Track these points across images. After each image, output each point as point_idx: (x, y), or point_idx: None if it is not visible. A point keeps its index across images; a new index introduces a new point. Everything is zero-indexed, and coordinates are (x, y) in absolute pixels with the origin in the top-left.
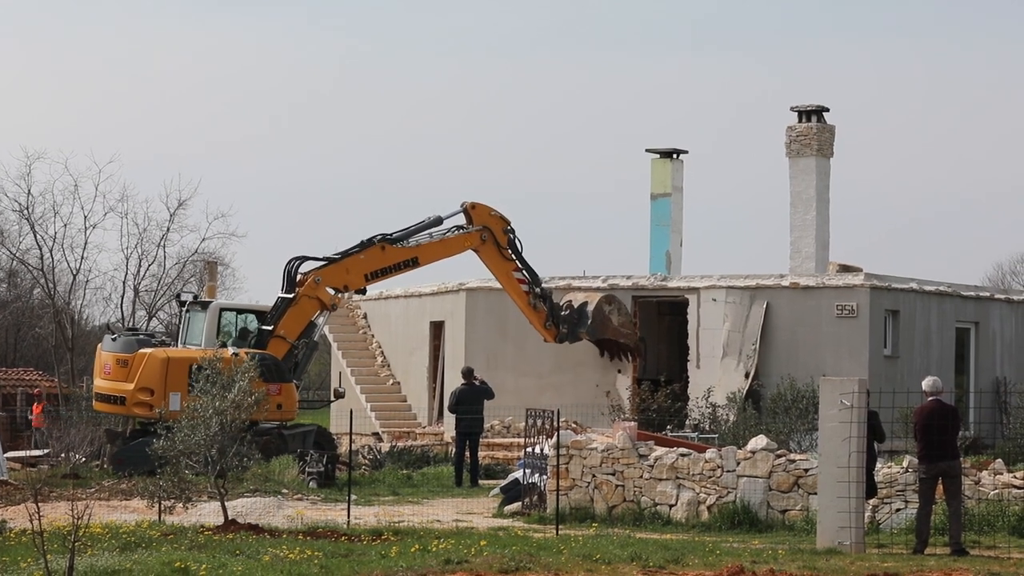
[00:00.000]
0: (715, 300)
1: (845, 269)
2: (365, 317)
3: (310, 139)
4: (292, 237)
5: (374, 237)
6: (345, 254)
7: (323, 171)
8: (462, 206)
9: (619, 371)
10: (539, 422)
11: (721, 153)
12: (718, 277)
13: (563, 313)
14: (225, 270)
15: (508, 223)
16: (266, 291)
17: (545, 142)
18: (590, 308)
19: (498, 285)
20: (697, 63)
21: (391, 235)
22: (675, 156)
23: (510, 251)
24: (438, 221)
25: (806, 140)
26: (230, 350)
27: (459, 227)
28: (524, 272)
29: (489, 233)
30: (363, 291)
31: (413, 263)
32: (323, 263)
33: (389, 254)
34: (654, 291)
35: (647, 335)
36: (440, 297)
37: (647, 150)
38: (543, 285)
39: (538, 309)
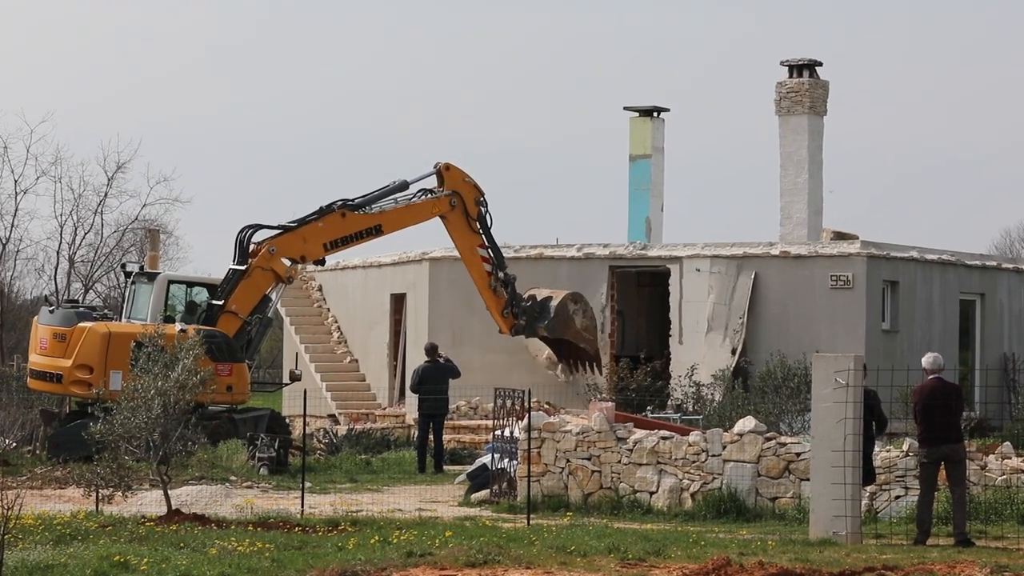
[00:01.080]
0: (699, 270)
1: (840, 236)
2: (320, 289)
3: (262, 96)
4: (242, 203)
5: (334, 203)
6: (302, 222)
7: (277, 131)
8: (435, 167)
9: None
10: (509, 403)
11: (705, 111)
12: (702, 245)
13: (524, 304)
14: (168, 239)
15: (482, 193)
16: (213, 262)
17: (514, 99)
18: (554, 303)
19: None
20: (679, 13)
21: (352, 201)
22: (656, 115)
23: (478, 225)
24: (404, 185)
25: (797, 97)
26: (177, 326)
27: (426, 191)
28: (489, 251)
29: (459, 200)
30: (322, 262)
31: (376, 231)
32: (278, 232)
33: (350, 221)
34: (633, 260)
35: (625, 308)
36: (401, 267)
37: (625, 108)
38: (508, 270)
39: (498, 294)
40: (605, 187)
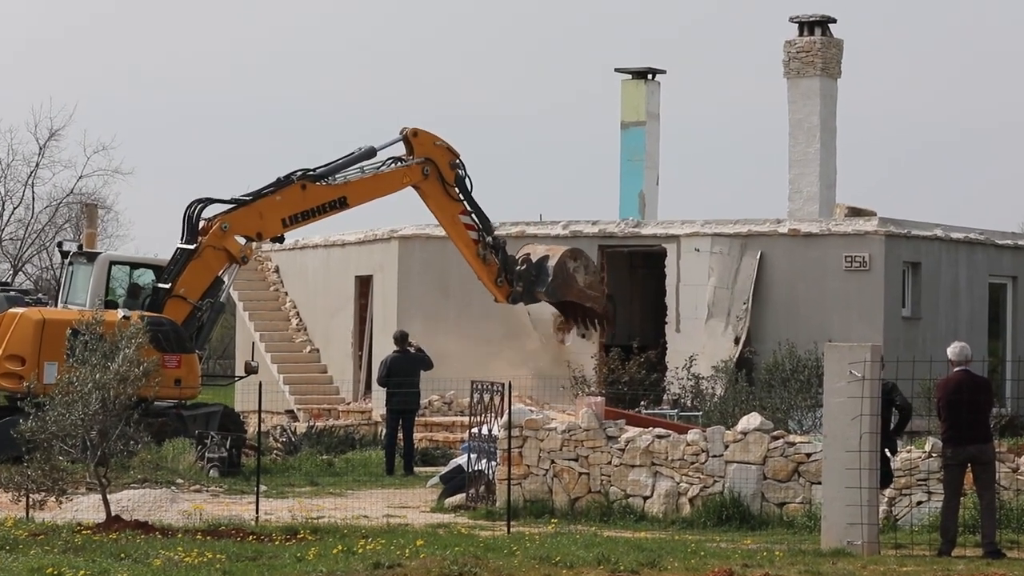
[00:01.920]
0: (698, 250)
1: (855, 213)
2: (277, 271)
3: (212, 54)
4: (191, 175)
5: (292, 173)
6: (257, 195)
7: (228, 93)
8: (401, 133)
9: (582, 336)
10: (487, 397)
11: (705, 74)
12: (702, 223)
13: (519, 268)
14: (107, 214)
15: (457, 156)
16: (158, 241)
17: (490, 59)
18: (551, 263)
19: (438, 232)
20: None
21: (313, 171)
22: (650, 77)
23: (457, 190)
24: (371, 152)
25: (808, 57)
26: (120, 312)
27: (396, 159)
28: (473, 217)
29: (433, 167)
30: (280, 239)
31: (341, 204)
32: (231, 207)
33: (311, 194)
34: (625, 239)
35: (616, 292)
36: (368, 247)
37: (616, 70)
38: (496, 233)
39: (488, 262)
40: (594, 158)
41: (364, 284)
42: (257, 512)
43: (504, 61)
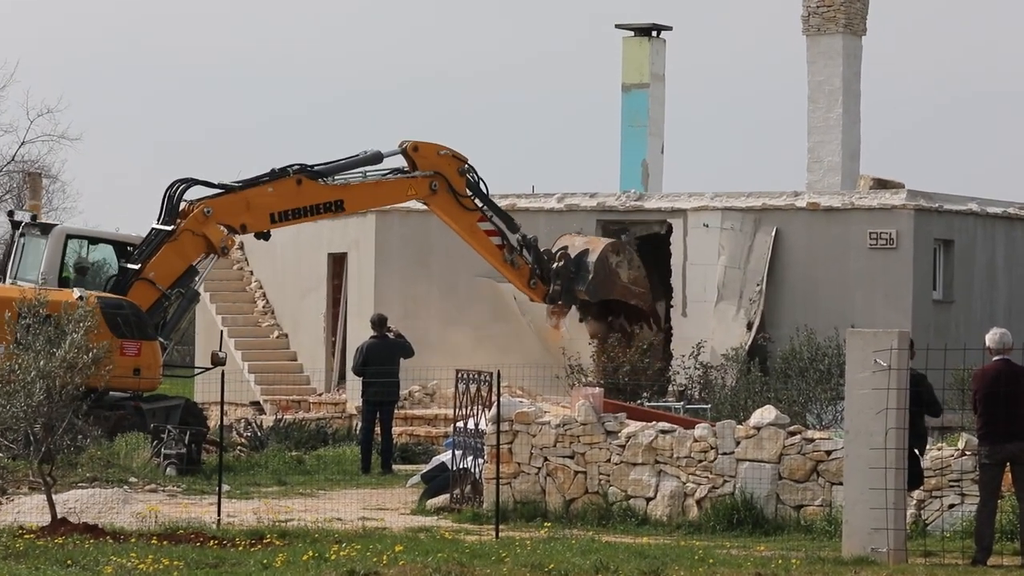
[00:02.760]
0: (707, 226)
1: (881, 185)
2: (241, 248)
3: (169, 5)
4: (146, 142)
5: (289, 167)
6: (249, 184)
7: (189, 51)
8: (401, 147)
9: (580, 320)
10: (473, 388)
11: (715, 31)
12: (711, 195)
13: (556, 265)
14: (52, 184)
15: (464, 161)
16: (107, 214)
17: (478, 14)
18: (591, 259)
19: (419, 206)
20: None
21: (312, 167)
22: (655, 34)
23: (472, 197)
24: (377, 158)
25: (830, 13)
26: (75, 292)
27: (399, 171)
28: (494, 221)
29: (441, 180)
30: (266, 236)
31: (337, 207)
32: (218, 191)
33: (307, 191)
34: (626, 213)
35: None
36: (342, 221)
37: (618, 26)
38: (521, 230)
39: (517, 265)
40: (592, 123)
41: (337, 262)
42: (219, 514)
43: (491, 14)
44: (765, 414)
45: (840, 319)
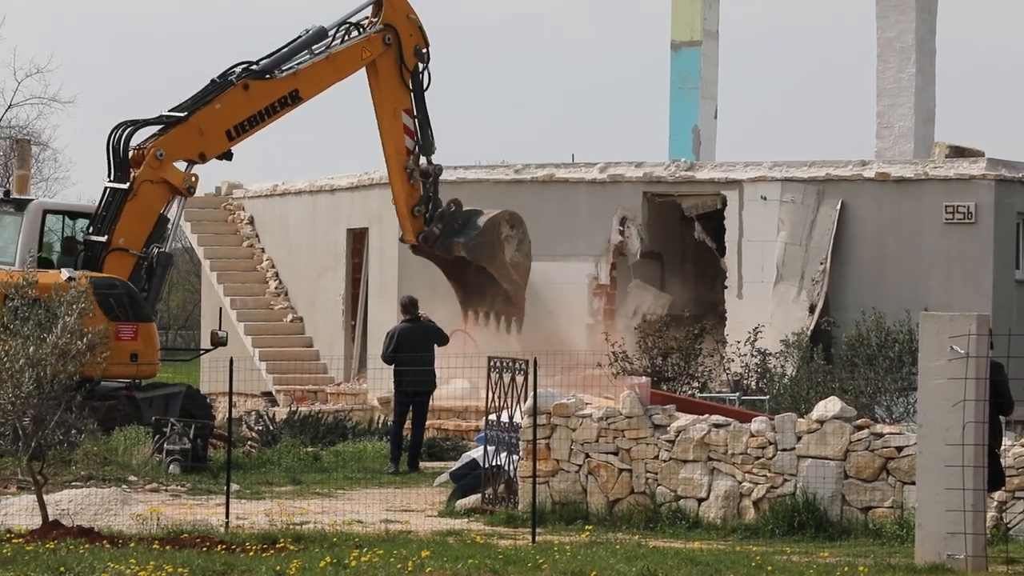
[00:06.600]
0: (765, 198)
1: (958, 153)
2: (251, 223)
3: None
4: (142, 103)
5: (230, 72)
6: (192, 108)
7: (188, 3)
8: None
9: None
10: (507, 377)
11: None
12: (770, 165)
13: (443, 209)
14: (42, 152)
15: (426, 43)
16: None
17: None
18: (482, 220)
19: (449, 176)
20: None
21: (255, 64)
22: None
23: (411, 82)
24: (321, 34)
25: None
26: (63, 273)
27: (351, 25)
28: (417, 123)
29: (395, 38)
30: (228, 155)
31: (293, 98)
32: (162, 127)
33: (256, 93)
34: (676, 185)
35: (664, 250)
36: (362, 192)
37: None
38: (434, 158)
39: (413, 181)
40: (638, 86)
41: (357, 238)
42: (227, 516)
43: None
44: (829, 406)
45: (912, 301)
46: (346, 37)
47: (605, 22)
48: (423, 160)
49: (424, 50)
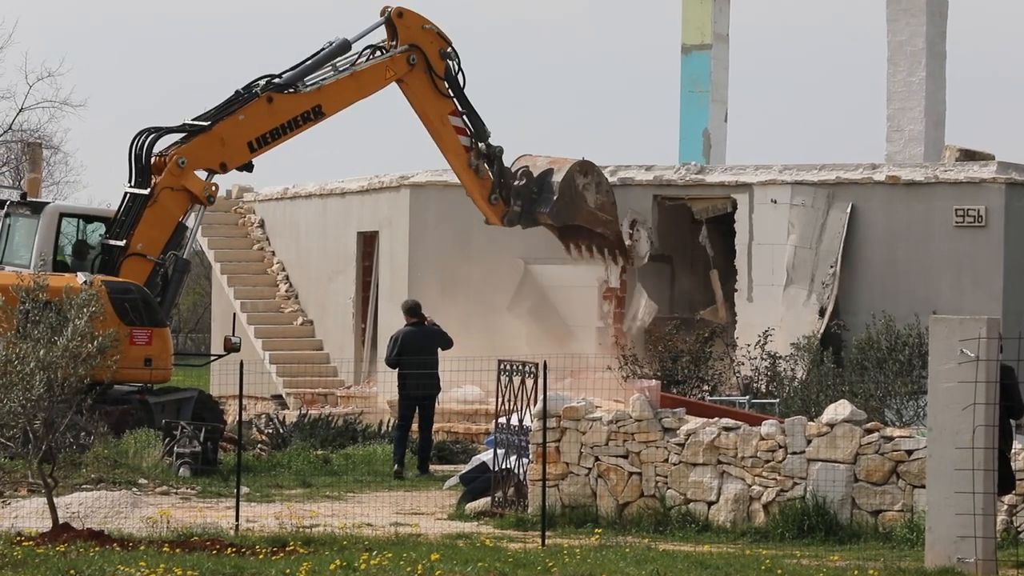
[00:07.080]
0: (775, 202)
1: (969, 156)
2: (262, 226)
3: None
4: (155, 108)
5: (254, 84)
6: (216, 118)
7: (201, 5)
8: (383, 14)
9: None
10: (517, 380)
11: None
12: (780, 168)
13: (516, 183)
14: (54, 155)
15: (448, 43)
16: (116, 188)
17: None
18: (556, 179)
19: (456, 179)
20: None
21: (279, 78)
22: None
23: (447, 86)
24: (344, 47)
25: None
26: (80, 277)
27: (374, 48)
28: (465, 119)
29: (420, 55)
30: (249, 167)
31: (316, 114)
32: (185, 136)
33: (280, 107)
34: (686, 188)
35: (675, 253)
36: (373, 196)
37: None
38: (491, 140)
39: (481, 174)
40: (649, 89)
41: (368, 242)
42: (237, 519)
43: None
44: (839, 409)
45: (922, 305)
46: (370, 56)
47: (615, 26)
48: (482, 146)
49: (449, 50)
